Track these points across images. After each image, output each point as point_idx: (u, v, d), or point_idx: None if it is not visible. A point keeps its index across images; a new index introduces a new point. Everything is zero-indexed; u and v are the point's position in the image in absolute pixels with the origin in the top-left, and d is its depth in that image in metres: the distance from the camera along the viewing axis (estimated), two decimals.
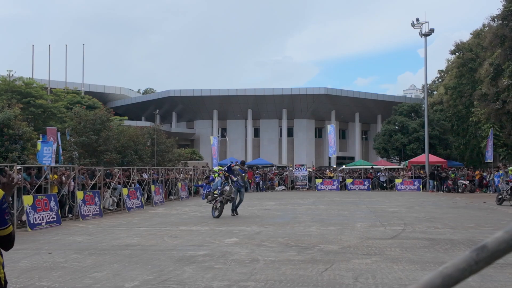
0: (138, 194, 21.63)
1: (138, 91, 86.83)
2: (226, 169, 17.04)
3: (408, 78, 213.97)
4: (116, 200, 20.72)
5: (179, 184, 27.59)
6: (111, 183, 20.51)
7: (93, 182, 19.12)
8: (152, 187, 23.64)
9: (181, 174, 29.33)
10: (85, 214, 16.92)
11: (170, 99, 62.12)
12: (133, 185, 22.03)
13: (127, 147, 27.93)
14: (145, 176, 24.17)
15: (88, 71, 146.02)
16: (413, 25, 39.74)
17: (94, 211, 17.52)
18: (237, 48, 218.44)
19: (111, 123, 29.04)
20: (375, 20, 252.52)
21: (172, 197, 27.33)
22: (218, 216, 16.35)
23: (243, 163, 18.74)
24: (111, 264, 8.60)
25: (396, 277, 7.42)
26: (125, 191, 20.36)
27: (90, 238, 12.13)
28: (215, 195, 16.79)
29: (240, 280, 7.27)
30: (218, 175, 18.07)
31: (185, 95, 61.30)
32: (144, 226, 14.69)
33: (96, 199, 17.91)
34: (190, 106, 63.00)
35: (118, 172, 21.09)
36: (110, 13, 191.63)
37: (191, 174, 30.68)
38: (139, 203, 21.29)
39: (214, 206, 16.73)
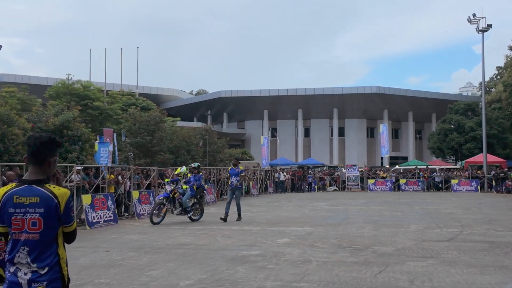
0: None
1: (191, 92, 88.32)
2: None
3: (463, 75, 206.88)
4: None
5: None
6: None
7: (147, 182, 19.60)
8: (205, 186, 23.91)
9: None
10: (141, 213, 17.35)
11: (221, 100, 62.75)
12: None
13: (180, 148, 28.42)
14: None
15: (142, 73, 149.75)
16: (469, 20, 38.57)
17: (149, 210, 17.89)
18: (284, 48, 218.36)
19: (165, 124, 29.67)
20: (426, 16, 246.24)
21: (224, 197, 27.57)
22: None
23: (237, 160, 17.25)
24: (166, 263, 8.78)
25: (454, 281, 7.21)
26: None
27: (146, 236, 12.42)
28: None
29: (293, 281, 7.26)
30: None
31: (236, 95, 61.76)
32: (197, 225, 14.90)
33: (151, 198, 18.33)
34: (241, 107, 63.42)
35: (172, 172, 21.47)
36: (160, 16, 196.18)
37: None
38: None
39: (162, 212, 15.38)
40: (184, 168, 16.04)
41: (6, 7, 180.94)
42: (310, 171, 40.35)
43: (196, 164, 16.80)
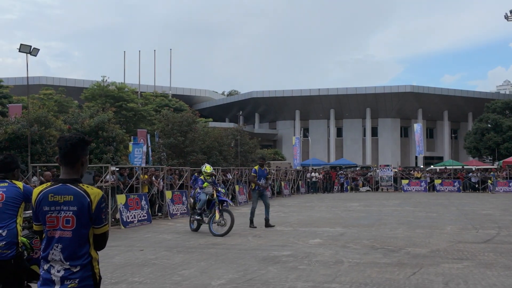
0: None
1: (223, 93, 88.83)
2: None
3: (500, 73, 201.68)
4: None
5: None
6: None
7: (180, 182, 19.81)
8: (236, 187, 24.06)
9: None
10: (174, 213, 17.55)
11: (253, 100, 62.89)
12: None
13: (212, 148, 28.62)
14: (229, 176, 24.64)
15: (175, 75, 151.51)
16: (506, 17, 37.77)
17: (181, 210, 18.12)
18: (317, 47, 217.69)
19: (197, 125, 29.91)
20: (461, 14, 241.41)
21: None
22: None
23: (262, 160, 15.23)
24: (198, 262, 8.86)
25: (490, 283, 7.04)
26: None
27: (179, 236, 12.57)
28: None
29: (325, 281, 7.23)
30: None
31: (267, 96, 61.82)
32: None
33: (184, 198, 18.52)
34: (273, 107, 63.43)
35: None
36: (193, 18, 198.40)
37: (274, 174, 30.87)
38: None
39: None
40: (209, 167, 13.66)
41: (44, 12, 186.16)
42: (341, 171, 39.99)
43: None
